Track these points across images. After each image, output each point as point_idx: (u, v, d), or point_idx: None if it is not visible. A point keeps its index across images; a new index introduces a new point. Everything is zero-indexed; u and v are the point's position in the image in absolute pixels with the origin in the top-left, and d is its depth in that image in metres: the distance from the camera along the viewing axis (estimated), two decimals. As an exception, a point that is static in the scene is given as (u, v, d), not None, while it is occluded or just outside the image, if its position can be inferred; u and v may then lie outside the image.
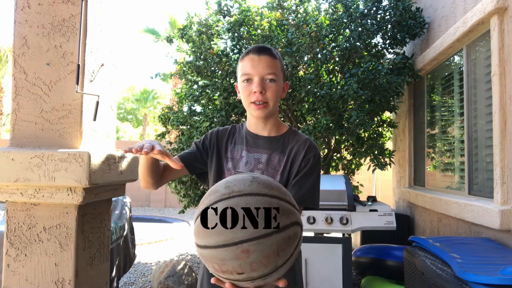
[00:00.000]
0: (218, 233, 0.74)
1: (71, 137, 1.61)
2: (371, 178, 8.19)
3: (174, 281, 3.37)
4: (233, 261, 0.74)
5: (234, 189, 0.78)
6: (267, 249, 0.74)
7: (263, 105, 1.16)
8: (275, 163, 1.18)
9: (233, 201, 0.76)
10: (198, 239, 0.79)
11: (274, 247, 0.74)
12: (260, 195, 0.78)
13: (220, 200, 0.77)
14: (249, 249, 0.73)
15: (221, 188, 0.80)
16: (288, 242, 0.77)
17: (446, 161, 3.66)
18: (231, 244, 0.73)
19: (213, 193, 0.81)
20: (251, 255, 0.73)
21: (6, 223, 1.54)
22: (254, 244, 0.73)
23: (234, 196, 0.77)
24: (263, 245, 0.73)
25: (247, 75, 1.17)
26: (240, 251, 0.73)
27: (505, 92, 2.49)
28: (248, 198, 0.77)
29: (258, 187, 0.79)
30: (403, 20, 3.96)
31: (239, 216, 0.74)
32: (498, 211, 2.39)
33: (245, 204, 0.75)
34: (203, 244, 0.77)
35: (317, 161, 1.19)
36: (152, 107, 25.08)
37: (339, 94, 3.35)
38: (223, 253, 0.74)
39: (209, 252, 0.76)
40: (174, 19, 15.58)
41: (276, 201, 0.78)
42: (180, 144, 4.04)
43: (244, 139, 1.24)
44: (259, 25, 4.09)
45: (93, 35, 1.72)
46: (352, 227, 2.83)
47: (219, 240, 0.74)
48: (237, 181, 0.80)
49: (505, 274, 1.69)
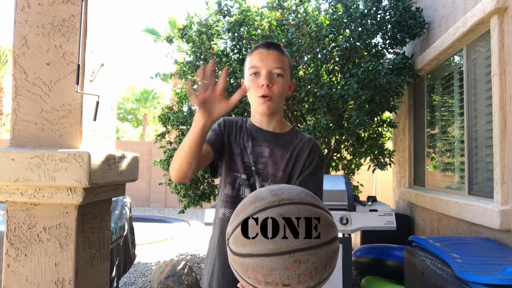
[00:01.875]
0: (267, 242, 0.71)
1: (71, 137, 1.61)
2: (371, 178, 8.19)
3: (174, 281, 3.37)
4: (282, 271, 0.70)
5: (283, 197, 0.76)
6: (318, 261, 0.72)
7: (268, 98, 1.15)
8: (278, 158, 1.18)
9: (284, 209, 0.73)
10: (240, 247, 0.74)
11: (324, 259, 0.72)
12: (309, 205, 0.76)
13: (269, 207, 0.74)
14: (301, 259, 0.70)
15: (267, 195, 0.77)
16: (334, 255, 0.75)
17: (446, 161, 3.66)
18: (283, 252, 0.70)
19: (258, 200, 0.77)
20: (302, 265, 0.70)
21: (6, 223, 1.54)
22: (307, 254, 0.70)
23: (284, 204, 0.74)
24: (316, 256, 0.71)
25: (255, 68, 1.17)
26: (292, 261, 0.70)
27: (505, 92, 2.49)
28: (300, 206, 0.74)
29: (306, 196, 0.78)
30: (403, 20, 3.96)
31: (280, 226, 0.71)
32: (498, 211, 2.39)
33: (297, 213, 0.73)
34: (246, 253, 0.73)
35: (321, 161, 1.19)
36: (152, 107, 25.08)
37: (339, 94, 3.35)
38: (273, 262, 0.70)
39: (254, 261, 0.71)
40: (174, 19, 15.57)
41: (321, 211, 0.77)
42: (180, 144, 4.04)
43: (248, 132, 1.24)
44: (259, 25, 4.09)
45: (93, 35, 1.72)
46: (352, 227, 2.83)
47: (270, 248, 0.70)
48: (284, 189, 0.78)
49: (505, 274, 1.69)
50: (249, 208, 0.77)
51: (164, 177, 10.44)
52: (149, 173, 10.89)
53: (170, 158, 4.11)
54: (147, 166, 10.77)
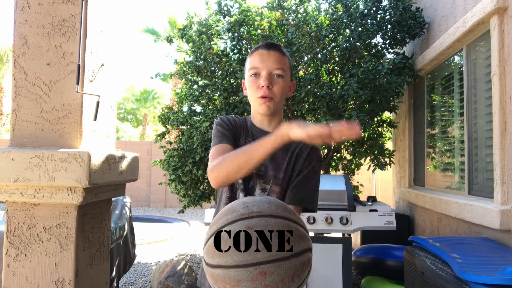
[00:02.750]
0: (234, 254, 0.73)
1: (71, 137, 1.61)
2: (371, 178, 8.19)
3: (174, 281, 3.37)
4: (248, 283, 0.72)
5: (253, 210, 0.77)
6: (284, 273, 0.73)
7: (268, 98, 1.15)
8: (279, 160, 1.18)
9: (253, 221, 0.75)
10: (210, 258, 0.77)
11: (291, 272, 0.74)
12: (280, 218, 0.77)
13: (238, 220, 0.76)
14: (266, 272, 0.72)
15: (239, 207, 0.79)
16: (303, 267, 0.76)
17: (446, 161, 3.66)
18: (249, 265, 0.72)
19: (230, 212, 0.79)
20: (267, 277, 0.72)
21: (6, 223, 1.54)
22: (272, 267, 0.72)
23: (253, 216, 0.76)
24: (281, 268, 0.73)
25: (255, 69, 1.17)
26: (257, 273, 0.72)
27: (505, 92, 2.49)
28: (268, 219, 0.76)
29: (277, 209, 0.79)
30: (403, 20, 3.96)
31: (253, 239, 0.73)
32: (498, 211, 2.39)
33: (265, 225, 0.75)
34: (216, 264, 0.75)
35: (319, 163, 1.20)
36: (152, 107, 25.08)
37: (339, 94, 3.36)
38: (239, 274, 0.72)
39: (223, 272, 0.74)
40: (174, 19, 15.57)
41: (293, 224, 0.78)
42: (180, 144, 4.04)
43: (250, 133, 1.24)
44: (259, 25, 4.09)
45: (93, 35, 1.72)
46: (352, 227, 2.83)
47: (237, 260, 0.73)
48: (255, 202, 0.80)
49: (505, 274, 1.69)
50: (221, 220, 0.79)
51: (164, 177, 10.45)
52: (149, 173, 10.90)
53: (170, 158, 4.11)
54: (147, 166, 10.77)
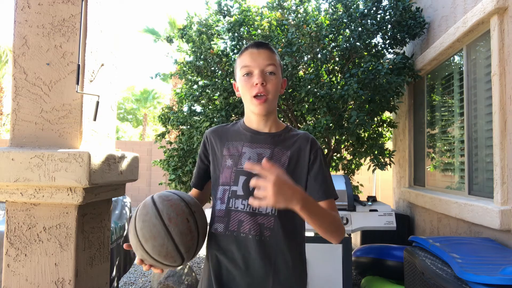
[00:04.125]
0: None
1: (71, 137, 1.61)
2: (371, 178, 8.19)
3: (174, 281, 3.37)
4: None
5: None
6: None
7: (264, 97, 1.16)
8: (280, 157, 1.18)
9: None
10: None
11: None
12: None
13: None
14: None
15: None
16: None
17: (446, 161, 3.66)
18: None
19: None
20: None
21: (6, 223, 1.54)
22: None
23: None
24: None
25: (247, 67, 1.17)
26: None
27: (505, 92, 2.49)
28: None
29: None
30: (403, 20, 3.96)
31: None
32: (498, 211, 2.39)
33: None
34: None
35: (322, 153, 1.21)
36: (152, 107, 25.09)
37: (339, 94, 3.35)
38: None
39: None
40: (174, 19, 15.57)
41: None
42: (180, 144, 4.04)
43: (244, 136, 1.24)
44: (259, 25, 4.09)
45: (93, 35, 1.72)
46: (352, 227, 2.83)
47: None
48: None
49: (505, 274, 1.69)
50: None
51: (164, 177, 10.45)
52: (149, 173, 10.89)
53: (170, 158, 4.12)
54: (147, 166, 10.77)
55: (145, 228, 1.04)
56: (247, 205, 1.14)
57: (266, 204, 0.92)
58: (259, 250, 1.11)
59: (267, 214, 1.13)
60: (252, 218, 1.13)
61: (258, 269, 1.11)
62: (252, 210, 1.13)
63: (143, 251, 1.04)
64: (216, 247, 1.16)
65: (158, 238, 1.02)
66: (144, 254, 1.05)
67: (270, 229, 1.12)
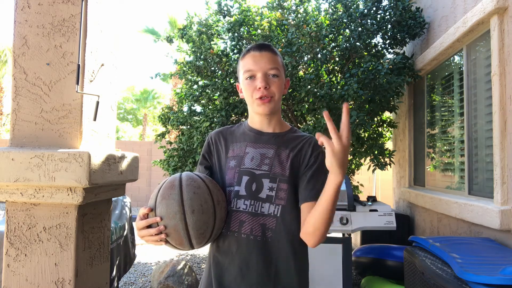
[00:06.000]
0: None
1: (71, 137, 1.61)
2: (371, 178, 8.19)
3: (174, 281, 3.37)
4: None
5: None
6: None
7: (268, 99, 1.16)
8: (283, 158, 1.18)
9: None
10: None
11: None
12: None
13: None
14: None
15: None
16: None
17: (446, 161, 3.66)
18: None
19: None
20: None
21: (6, 223, 1.54)
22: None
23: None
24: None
25: (250, 71, 1.17)
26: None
27: (505, 92, 2.49)
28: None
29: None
30: (403, 20, 3.96)
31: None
32: (498, 211, 2.39)
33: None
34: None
35: (323, 157, 1.20)
36: (152, 107, 25.09)
37: (339, 94, 3.35)
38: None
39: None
40: (174, 19, 15.57)
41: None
42: (180, 144, 4.04)
43: (247, 136, 1.24)
44: (259, 25, 4.09)
45: (93, 35, 1.72)
46: (352, 227, 2.83)
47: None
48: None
49: (505, 274, 1.69)
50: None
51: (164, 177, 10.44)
52: (149, 173, 10.89)
53: (170, 158, 4.11)
54: (147, 166, 10.77)
55: (196, 200, 1.02)
56: (249, 205, 1.13)
57: (341, 145, 0.92)
58: (260, 251, 1.10)
59: (269, 214, 1.13)
60: (254, 219, 1.12)
61: (259, 270, 1.10)
62: (254, 211, 1.13)
63: (182, 221, 1.01)
64: (217, 247, 1.16)
65: (205, 214, 1.02)
66: (179, 224, 1.01)
67: (272, 230, 1.12)
